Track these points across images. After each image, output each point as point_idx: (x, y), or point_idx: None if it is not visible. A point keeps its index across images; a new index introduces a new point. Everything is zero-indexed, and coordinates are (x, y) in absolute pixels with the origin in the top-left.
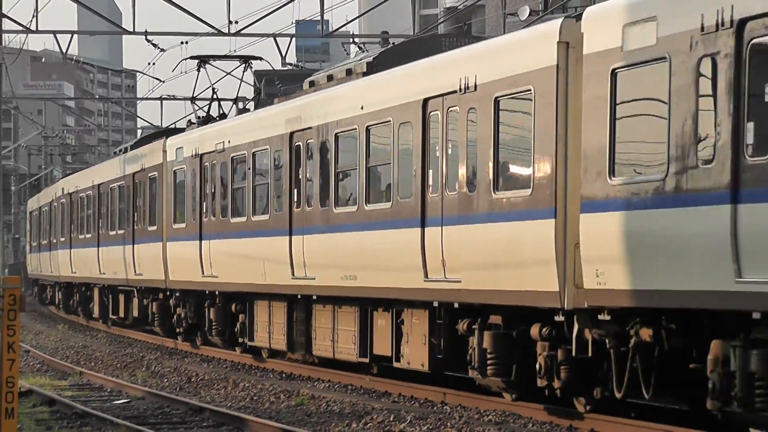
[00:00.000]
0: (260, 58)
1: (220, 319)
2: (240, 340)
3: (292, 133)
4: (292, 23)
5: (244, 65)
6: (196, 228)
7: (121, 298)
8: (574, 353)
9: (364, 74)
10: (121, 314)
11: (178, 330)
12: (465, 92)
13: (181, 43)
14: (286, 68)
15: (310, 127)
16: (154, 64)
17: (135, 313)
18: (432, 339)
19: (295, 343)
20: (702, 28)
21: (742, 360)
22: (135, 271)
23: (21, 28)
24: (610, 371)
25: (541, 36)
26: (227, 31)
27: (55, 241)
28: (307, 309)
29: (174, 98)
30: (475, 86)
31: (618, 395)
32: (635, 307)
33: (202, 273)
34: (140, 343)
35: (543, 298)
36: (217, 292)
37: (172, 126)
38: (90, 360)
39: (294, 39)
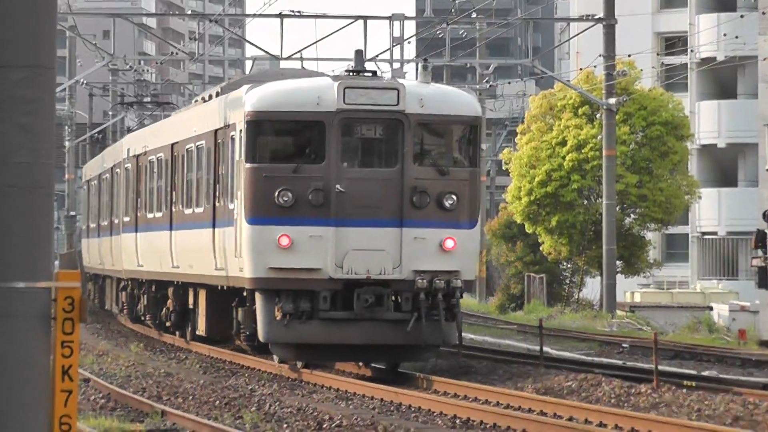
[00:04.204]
0: (172, 104)
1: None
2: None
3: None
4: None
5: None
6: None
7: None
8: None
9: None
10: None
11: None
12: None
13: None
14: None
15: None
16: None
17: None
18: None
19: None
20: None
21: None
22: None
23: None
24: None
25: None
26: None
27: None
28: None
29: (300, 15)
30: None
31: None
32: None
33: None
34: (248, 371)
35: None
36: None
37: (297, 56)
38: (176, 394)
39: None
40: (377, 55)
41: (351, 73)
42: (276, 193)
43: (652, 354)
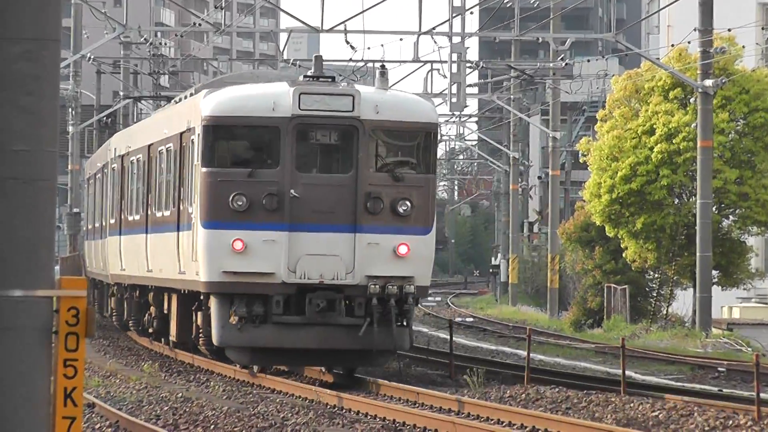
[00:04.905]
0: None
1: None
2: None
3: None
4: None
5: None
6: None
7: None
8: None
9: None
10: None
11: None
12: None
13: None
14: None
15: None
16: None
17: None
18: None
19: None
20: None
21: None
22: None
23: None
24: None
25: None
26: None
27: None
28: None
29: None
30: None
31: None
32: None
33: None
34: (279, 396)
35: None
36: None
37: (340, 27)
38: (196, 423)
39: None
40: (434, 28)
41: (310, 79)
42: (230, 198)
43: (754, 379)
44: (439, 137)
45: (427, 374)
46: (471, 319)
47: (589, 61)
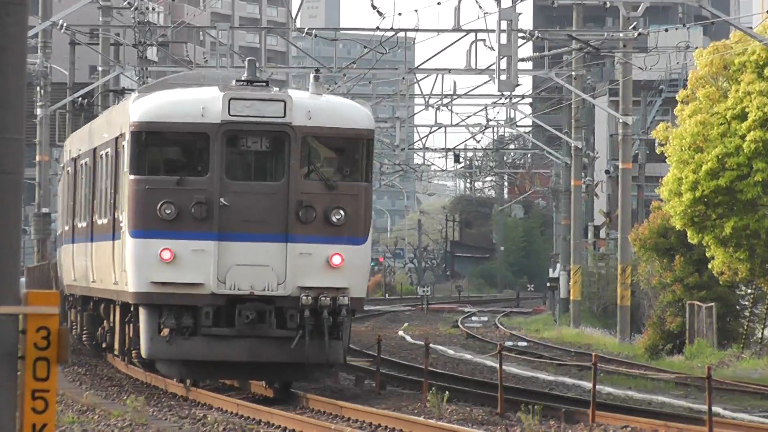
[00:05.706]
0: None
1: None
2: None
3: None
4: None
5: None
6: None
7: None
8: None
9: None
10: None
11: None
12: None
13: None
14: None
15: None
16: None
17: None
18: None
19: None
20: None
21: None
22: None
23: None
24: None
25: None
26: None
27: None
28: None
29: None
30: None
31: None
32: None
33: None
34: None
35: None
36: None
37: None
38: None
39: None
40: None
41: (243, 83)
42: (158, 206)
43: None
44: (374, 144)
45: (471, 410)
46: (524, 344)
47: (667, 30)
